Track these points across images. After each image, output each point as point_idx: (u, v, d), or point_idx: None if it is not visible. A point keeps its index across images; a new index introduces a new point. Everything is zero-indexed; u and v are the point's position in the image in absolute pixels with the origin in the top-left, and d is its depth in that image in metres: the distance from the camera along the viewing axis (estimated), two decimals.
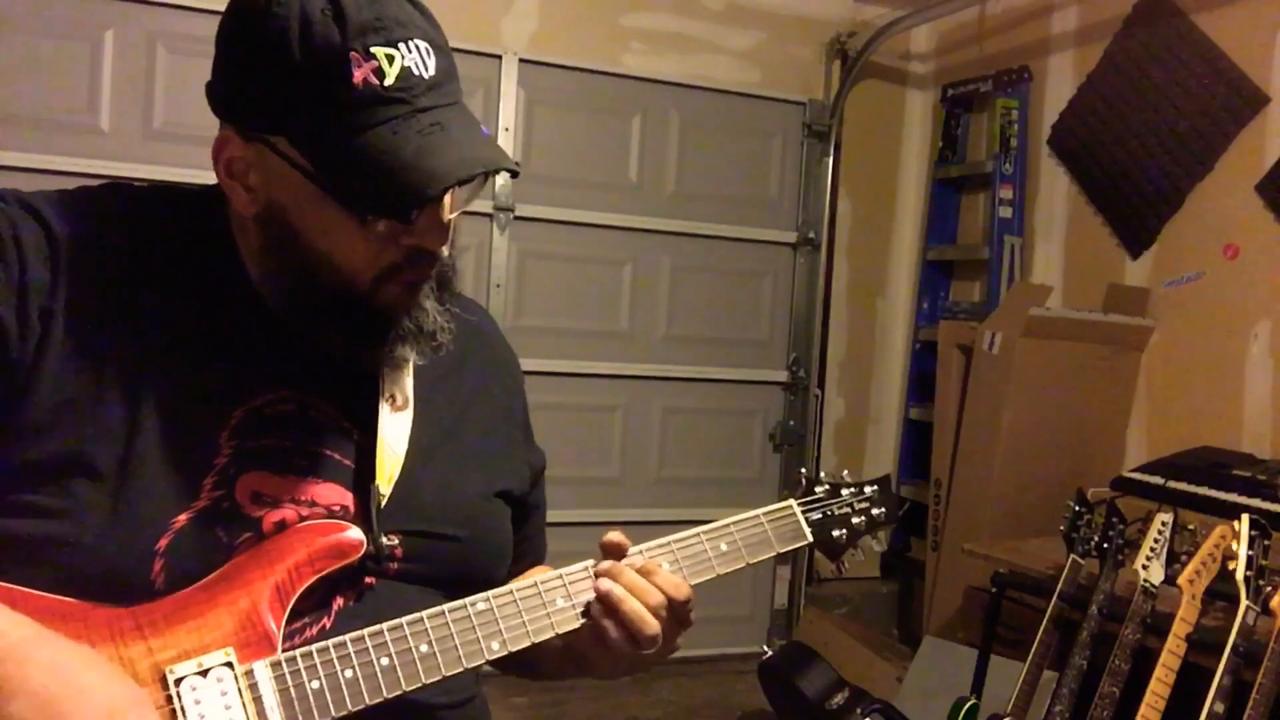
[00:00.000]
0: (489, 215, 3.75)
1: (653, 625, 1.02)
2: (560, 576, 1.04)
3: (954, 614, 3.44)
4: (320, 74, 0.89)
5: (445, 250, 1.01)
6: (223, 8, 0.97)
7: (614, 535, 1.07)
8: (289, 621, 0.93)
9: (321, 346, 1.02)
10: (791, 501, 1.20)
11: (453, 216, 0.99)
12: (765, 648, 3.88)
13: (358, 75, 0.89)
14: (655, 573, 1.05)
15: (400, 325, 1.00)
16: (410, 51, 0.91)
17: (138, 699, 0.84)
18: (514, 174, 0.98)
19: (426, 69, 0.93)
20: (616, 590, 1.02)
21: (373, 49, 0.90)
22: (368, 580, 0.99)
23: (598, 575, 1.05)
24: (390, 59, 0.90)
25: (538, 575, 1.04)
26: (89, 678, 0.82)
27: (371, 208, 0.93)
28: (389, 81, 0.90)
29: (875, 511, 1.26)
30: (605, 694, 3.62)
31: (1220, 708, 2.00)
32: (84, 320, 0.93)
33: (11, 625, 0.82)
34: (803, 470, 1.26)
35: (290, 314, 1.01)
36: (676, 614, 1.05)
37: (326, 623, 0.96)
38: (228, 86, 0.97)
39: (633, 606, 1.01)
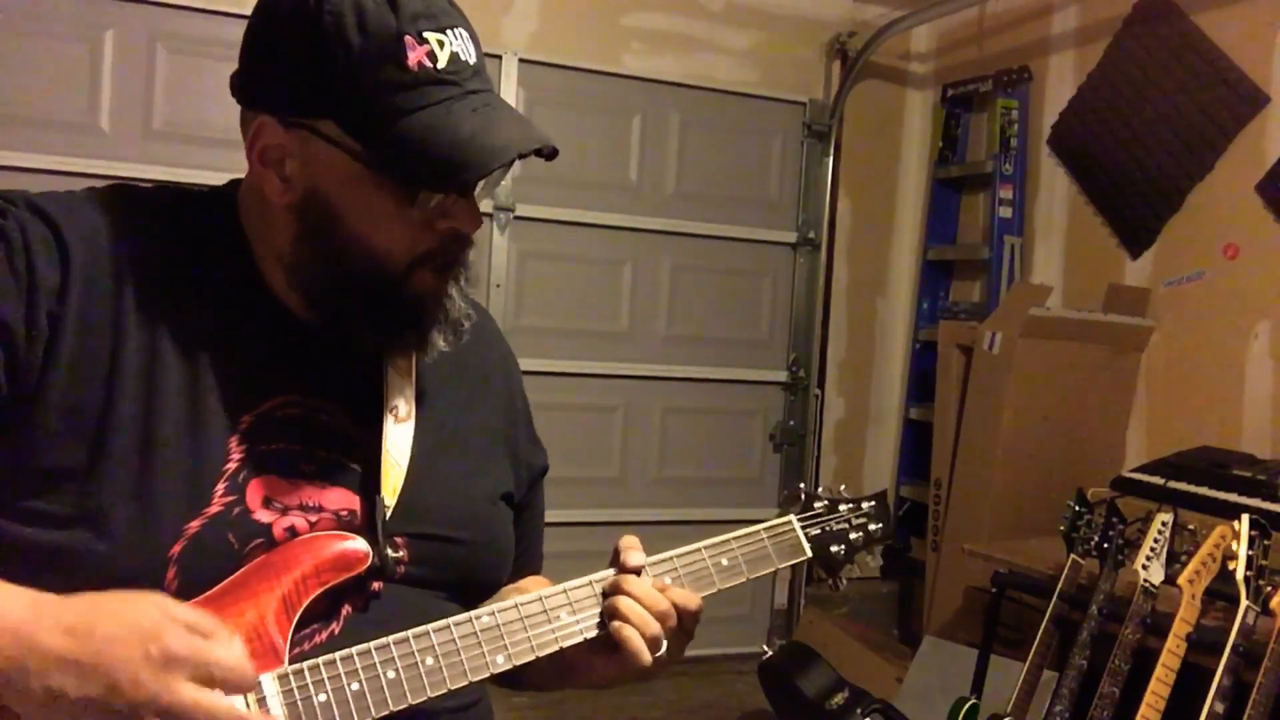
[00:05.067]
0: (489, 215, 3.75)
1: (658, 633, 1.02)
2: (564, 591, 1.04)
3: (954, 614, 3.44)
4: (376, 56, 0.92)
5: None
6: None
7: (632, 557, 1.06)
8: (298, 628, 0.93)
9: (344, 343, 1.02)
10: (791, 517, 1.20)
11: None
12: (765, 648, 3.88)
13: (412, 58, 0.93)
14: (666, 587, 1.06)
15: (430, 313, 1.02)
16: (457, 38, 0.96)
17: (161, 612, 0.82)
18: (551, 156, 1.01)
19: (471, 55, 0.97)
20: (626, 601, 1.03)
21: (425, 34, 0.94)
22: (375, 586, 0.99)
23: (610, 586, 1.05)
24: (441, 44, 0.94)
25: (541, 589, 1.04)
26: (106, 626, 0.80)
27: (430, 183, 0.96)
28: (441, 65, 0.94)
29: (872, 527, 1.25)
30: (605, 694, 3.62)
31: (1220, 708, 2.00)
32: (93, 324, 0.93)
33: (6, 603, 0.81)
34: (801, 485, 1.26)
35: (319, 305, 1.01)
36: (684, 625, 1.06)
37: (335, 628, 0.97)
38: (267, 75, 0.98)
39: (641, 616, 1.02)
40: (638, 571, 1.06)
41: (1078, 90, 3.78)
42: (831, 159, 4.24)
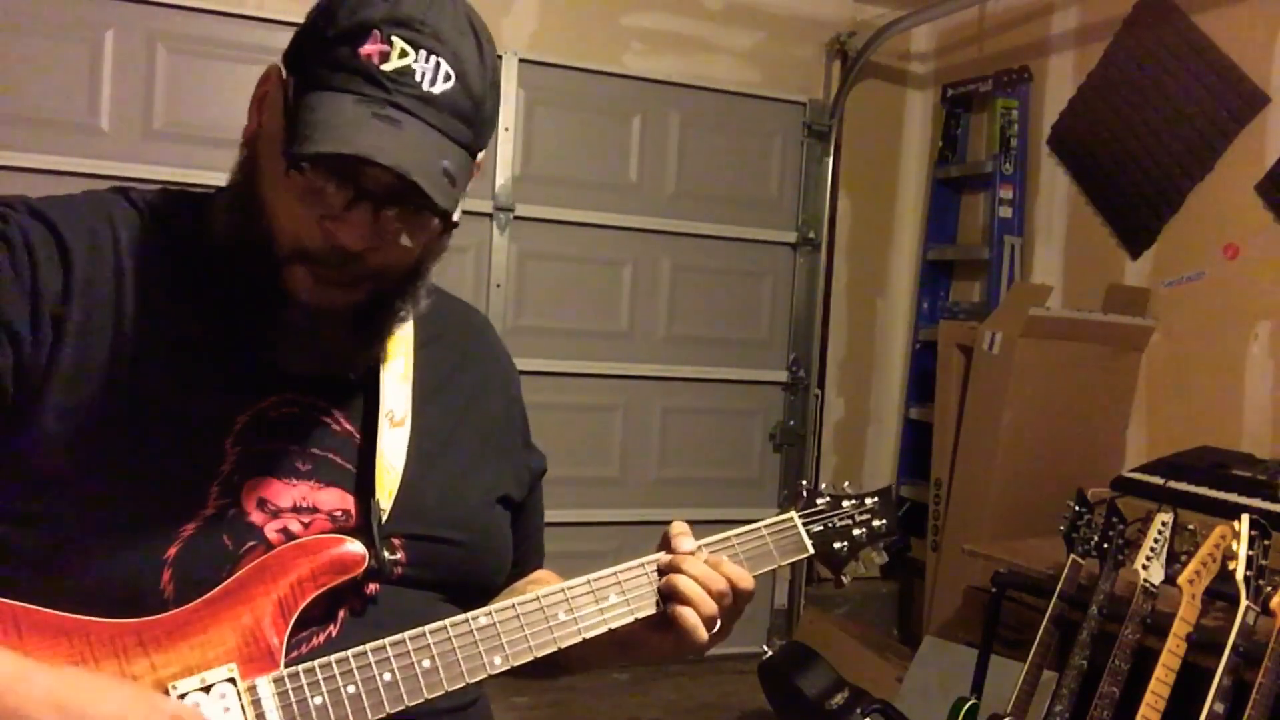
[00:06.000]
0: (489, 215, 3.75)
1: (714, 612, 1.04)
2: (562, 590, 1.03)
3: (954, 614, 3.44)
4: (343, 35, 0.92)
5: (376, 257, 0.95)
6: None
7: (683, 543, 1.08)
8: (295, 630, 0.93)
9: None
10: (793, 513, 1.19)
11: (408, 242, 0.95)
12: (765, 648, 3.88)
13: (366, 49, 0.91)
14: (721, 562, 1.07)
15: (291, 317, 0.96)
16: (426, 62, 0.91)
17: (150, 705, 0.83)
18: (443, 217, 0.93)
19: (430, 85, 0.91)
20: (684, 581, 1.04)
21: (394, 37, 0.91)
22: (372, 588, 0.99)
23: (665, 565, 1.06)
24: (403, 54, 0.91)
25: (539, 588, 1.04)
26: (98, 710, 0.81)
27: (282, 149, 0.91)
28: (387, 68, 0.91)
29: (876, 523, 1.24)
30: (605, 694, 3.62)
31: (1220, 708, 2.00)
32: (94, 327, 0.94)
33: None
34: (804, 481, 1.25)
35: (220, 247, 0.98)
36: (738, 603, 1.07)
37: (333, 630, 0.97)
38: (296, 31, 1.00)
39: (699, 594, 1.04)
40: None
41: (1078, 90, 3.78)
42: (831, 159, 4.24)
